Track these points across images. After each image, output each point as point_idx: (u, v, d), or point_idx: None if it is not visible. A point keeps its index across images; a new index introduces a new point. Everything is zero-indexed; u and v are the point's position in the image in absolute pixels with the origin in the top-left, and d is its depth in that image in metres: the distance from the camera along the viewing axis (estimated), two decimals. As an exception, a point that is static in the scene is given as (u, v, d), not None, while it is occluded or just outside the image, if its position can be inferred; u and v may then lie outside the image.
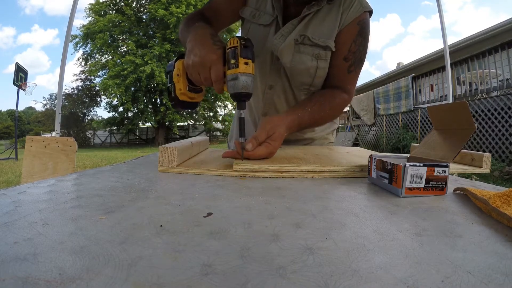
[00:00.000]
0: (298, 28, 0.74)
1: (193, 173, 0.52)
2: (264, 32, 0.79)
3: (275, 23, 0.78)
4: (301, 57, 0.75)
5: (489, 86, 5.20)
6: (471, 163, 0.59)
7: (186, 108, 0.69)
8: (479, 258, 0.22)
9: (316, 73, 0.76)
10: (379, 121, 7.75)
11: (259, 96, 0.85)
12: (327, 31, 0.74)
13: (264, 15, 0.79)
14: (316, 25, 0.75)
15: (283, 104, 0.83)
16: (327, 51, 0.74)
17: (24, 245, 0.21)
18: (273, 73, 0.80)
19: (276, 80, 0.81)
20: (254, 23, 0.81)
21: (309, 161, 0.54)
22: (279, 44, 0.75)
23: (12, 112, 37.91)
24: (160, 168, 0.53)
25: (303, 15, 0.74)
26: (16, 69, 7.42)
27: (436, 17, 3.17)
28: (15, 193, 0.35)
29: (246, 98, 0.55)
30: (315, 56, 0.74)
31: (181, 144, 0.57)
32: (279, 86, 0.81)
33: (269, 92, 0.82)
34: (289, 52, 0.75)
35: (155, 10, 14.09)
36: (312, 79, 0.77)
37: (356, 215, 0.31)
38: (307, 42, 0.74)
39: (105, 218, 0.28)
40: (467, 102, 0.47)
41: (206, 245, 0.22)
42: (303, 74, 0.77)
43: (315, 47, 0.74)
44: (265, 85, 0.82)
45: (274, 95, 0.82)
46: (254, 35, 0.80)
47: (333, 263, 0.20)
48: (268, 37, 0.78)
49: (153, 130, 18.15)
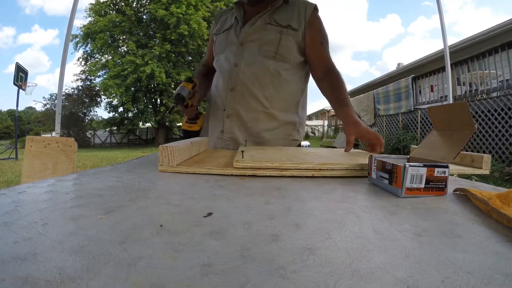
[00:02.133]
0: (264, 16, 1.00)
1: (193, 172, 0.52)
2: (228, 33, 1.05)
3: (235, 24, 1.04)
4: (268, 33, 0.98)
5: (489, 87, 5.20)
6: (471, 164, 0.59)
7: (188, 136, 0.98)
8: (479, 259, 0.22)
9: (279, 43, 0.98)
10: (379, 122, 7.75)
11: (226, 74, 1.01)
12: (287, 18, 0.99)
13: (226, 24, 1.07)
14: (278, 15, 0.99)
15: (246, 74, 1.00)
16: (288, 29, 0.98)
17: (24, 245, 0.21)
18: (238, 55, 1.00)
19: (240, 59, 1.00)
20: (218, 34, 1.09)
21: (309, 160, 0.54)
22: (249, 28, 1.00)
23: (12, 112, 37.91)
24: (160, 167, 0.53)
25: (266, 11, 0.99)
26: (16, 69, 7.42)
27: (436, 17, 3.17)
28: (15, 193, 0.35)
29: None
30: (279, 31, 0.98)
31: (181, 144, 0.57)
32: (242, 63, 1.00)
33: (234, 69, 1.00)
34: (258, 31, 0.99)
35: (155, 10, 14.08)
36: (277, 48, 0.98)
37: (356, 215, 0.31)
38: (273, 23, 0.98)
39: (105, 218, 0.28)
40: (467, 103, 0.47)
41: (206, 245, 0.22)
42: (269, 43, 0.98)
43: (279, 26, 0.98)
44: (231, 64, 1.00)
45: (239, 70, 1.00)
46: (221, 40, 1.07)
47: (333, 263, 0.20)
48: (229, 33, 1.04)
49: (153, 131, 18.15)
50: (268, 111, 1.00)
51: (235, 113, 1.00)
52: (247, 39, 0.99)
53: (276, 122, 1.02)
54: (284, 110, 1.03)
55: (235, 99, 0.99)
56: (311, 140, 14.46)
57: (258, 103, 0.99)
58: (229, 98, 0.99)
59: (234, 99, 0.99)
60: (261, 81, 0.98)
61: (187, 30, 13.79)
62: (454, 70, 5.76)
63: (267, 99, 0.99)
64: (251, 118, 0.99)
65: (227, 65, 1.02)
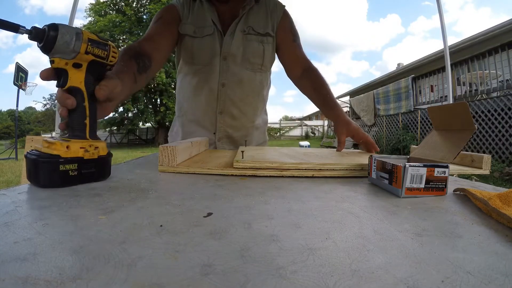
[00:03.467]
0: (241, 23, 0.93)
1: (194, 172, 0.52)
2: (210, 40, 0.92)
3: (217, 31, 0.93)
4: (250, 44, 0.94)
5: (489, 87, 5.20)
6: (471, 164, 0.59)
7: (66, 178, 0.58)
8: (479, 259, 0.22)
9: (264, 54, 0.96)
10: (379, 122, 7.75)
11: (213, 95, 0.94)
12: (263, 23, 0.96)
13: (205, 28, 0.92)
14: (253, 20, 0.95)
15: (237, 95, 0.95)
16: (268, 36, 0.96)
17: (24, 245, 0.21)
18: (223, 73, 0.93)
19: (227, 77, 0.93)
20: (197, 37, 0.93)
21: (309, 160, 0.55)
22: (230, 39, 0.92)
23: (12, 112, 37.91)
24: (160, 167, 0.53)
25: (240, 15, 0.93)
26: (16, 69, 7.43)
27: (436, 17, 3.17)
28: (15, 193, 0.35)
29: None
30: (260, 41, 0.95)
31: (181, 144, 0.57)
32: (230, 82, 0.94)
33: (222, 89, 0.94)
34: (240, 43, 0.93)
35: (156, 10, 14.09)
36: (262, 59, 0.96)
37: (356, 215, 0.31)
38: (252, 32, 0.94)
39: (105, 218, 0.28)
40: (467, 103, 0.47)
41: (206, 245, 0.22)
42: (255, 56, 0.95)
43: (259, 35, 0.95)
44: (218, 83, 0.93)
45: (228, 90, 0.94)
46: (201, 47, 0.92)
47: (333, 263, 0.20)
48: (215, 42, 0.92)
49: (153, 131, 18.14)
50: (254, 123, 1.02)
51: (226, 135, 0.98)
52: (230, 53, 0.92)
53: (258, 131, 1.05)
54: (261, 115, 1.06)
55: (225, 121, 0.96)
56: (311, 140, 14.46)
57: (248, 120, 0.99)
58: (220, 121, 0.96)
59: (225, 122, 0.96)
60: (250, 97, 0.97)
61: (187, 30, 13.80)
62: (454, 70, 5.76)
63: (255, 113, 1.00)
64: (242, 136, 0.99)
65: (212, 83, 0.93)
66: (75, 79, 0.41)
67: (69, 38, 0.38)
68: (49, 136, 0.60)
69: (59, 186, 0.38)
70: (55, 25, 0.38)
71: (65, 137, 0.42)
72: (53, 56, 0.39)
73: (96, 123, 0.44)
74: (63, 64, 0.40)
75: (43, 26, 0.38)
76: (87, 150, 0.41)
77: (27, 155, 0.38)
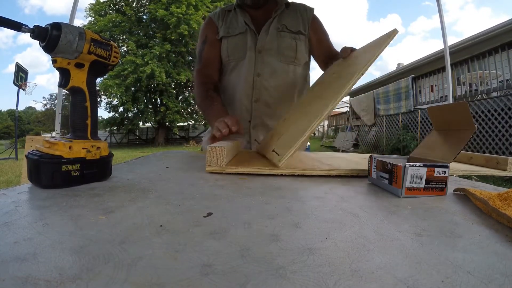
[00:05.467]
0: (274, 22, 1.02)
1: (243, 172, 0.51)
2: (243, 38, 1.02)
3: (249, 29, 1.02)
4: (283, 39, 1.02)
5: (489, 87, 5.20)
6: (496, 166, 0.60)
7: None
8: (479, 259, 0.22)
9: (297, 48, 1.03)
10: (379, 122, 7.74)
11: (249, 84, 1.01)
12: (295, 23, 1.04)
13: (238, 28, 1.03)
14: (286, 20, 1.03)
15: (270, 84, 1.01)
16: (300, 34, 1.03)
17: (24, 245, 0.21)
18: (258, 64, 1.00)
19: (262, 68, 1.00)
20: (230, 36, 1.03)
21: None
22: (264, 35, 1.01)
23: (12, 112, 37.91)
24: (208, 168, 0.52)
25: (273, 16, 1.02)
26: (16, 69, 7.42)
27: (437, 17, 3.17)
28: (15, 193, 0.35)
29: None
30: (293, 38, 1.03)
31: (228, 144, 0.57)
32: (265, 72, 1.00)
33: (257, 79, 1.01)
34: (275, 38, 1.01)
35: (156, 10, 14.08)
36: (295, 53, 1.03)
37: (356, 215, 0.31)
38: (285, 29, 1.02)
39: (105, 218, 0.28)
40: (467, 103, 0.47)
41: (206, 245, 0.22)
42: (288, 49, 1.02)
43: (291, 33, 1.03)
44: (253, 74, 1.00)
45: (263, 79, 1.01)
46: (235, 43, 1.02)
47: (333, 263, 0.20)
48: (248, 39, 1.01)
49: (153, 130, 18.13)
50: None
51: (261, 122, 1.03)
52: (265, 47, 1.00)
53: None
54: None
55: (261, 109, 1.01)
56: (311, 140, 14.45)
57: (282, 109, 1.02)
58: (255, 109, 1.01)
59: (260, 109, 1.01)
60: (283, 88, 1.02)
61: (187, 30, 13.78)
62: (454, 70, 5.75)
63: (289, 103, 1.04)
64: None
65: (247, 74, 1.00)
66: (77, 79, 0.41)
67: (72, 37, 0.38)
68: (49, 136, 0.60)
69: (61, 186, 0.38)
70: (58, 24, 0.38)
71: (66, 137, 0.42)
72: (55, 56, 0.39)
73: (97, 124, 0.44)
74: (65, 64, 0.39)
75: (46, 25, 0.38)
76: (89, 150, 0.41)
77: (29, 156, 0.38)
